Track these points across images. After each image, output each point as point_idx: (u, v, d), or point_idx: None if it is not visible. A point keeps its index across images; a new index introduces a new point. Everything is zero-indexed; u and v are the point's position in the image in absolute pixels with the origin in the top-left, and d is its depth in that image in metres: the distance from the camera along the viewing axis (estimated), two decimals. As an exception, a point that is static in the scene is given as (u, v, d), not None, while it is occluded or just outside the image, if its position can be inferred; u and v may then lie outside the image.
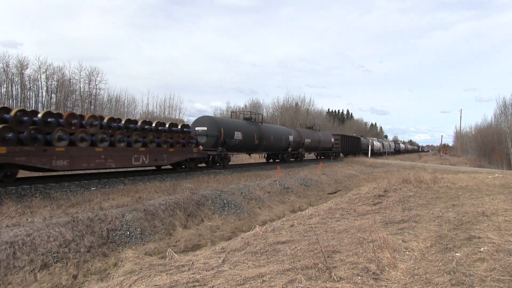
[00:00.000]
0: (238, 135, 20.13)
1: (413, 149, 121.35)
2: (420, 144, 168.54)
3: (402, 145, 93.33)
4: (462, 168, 31.59)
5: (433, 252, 4.76)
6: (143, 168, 15.55)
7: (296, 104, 62.84)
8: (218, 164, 18.98)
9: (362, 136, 54.38)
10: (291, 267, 4.34)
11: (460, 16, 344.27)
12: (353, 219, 7.95)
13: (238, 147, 20.95)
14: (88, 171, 14.30)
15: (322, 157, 36.11)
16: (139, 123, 13.79)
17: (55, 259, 6.04)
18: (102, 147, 11.73)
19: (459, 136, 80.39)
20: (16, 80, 33.38)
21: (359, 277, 3.87)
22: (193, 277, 4.33)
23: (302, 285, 3.68)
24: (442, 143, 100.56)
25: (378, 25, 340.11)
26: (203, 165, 18.96)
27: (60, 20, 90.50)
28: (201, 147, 17.21)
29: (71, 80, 37.58)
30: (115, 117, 13.61)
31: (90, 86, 38.88)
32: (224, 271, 4.56)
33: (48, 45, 72.77)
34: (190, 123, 20.52)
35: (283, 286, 3.72)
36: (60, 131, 10.48)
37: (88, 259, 6.43)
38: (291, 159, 28.20)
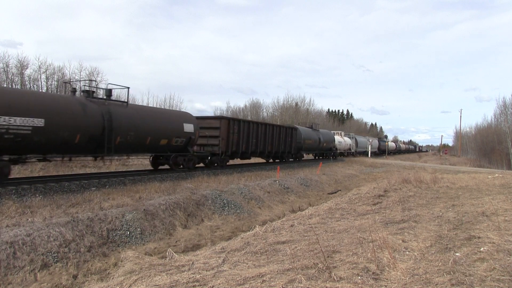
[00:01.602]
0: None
1: (409, 149, 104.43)
2: (420, 144, 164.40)
3: (391, 144, 71.96)
4: (462, 168, 31.59)
5: (433, 252, 4.76)
6: (143, 168, 15.52)
7: (296, 104, 62.87)
8: None
9: (311, 127, 30.93)
10: (291, 267, 4.34)
11: (460, 16, 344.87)
12: (353, 219, 7.95)
13: None
14: (88, 171, 14.30)
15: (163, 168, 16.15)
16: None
17: (55, 259, 6.04)
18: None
19: (459, 136, 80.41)
20: (16, 80, 33.39)
21: (359, 277, 3.87)
22: (193, 277, 4.33)
23: (302, 285, 3.68)
24: (442, 143, 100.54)
25: (378, 25, 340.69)
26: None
27: (60, 20, 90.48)
28: None
29: (71, 80, 37.67)
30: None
31: (91, 86, 38.96)
32: (224, 271, 4.56)
33: (48, 45, 72.74)
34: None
35: (283, 286, 3.72)
36: None
37: (88, 259, 6.43)
38: None
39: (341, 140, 40.30)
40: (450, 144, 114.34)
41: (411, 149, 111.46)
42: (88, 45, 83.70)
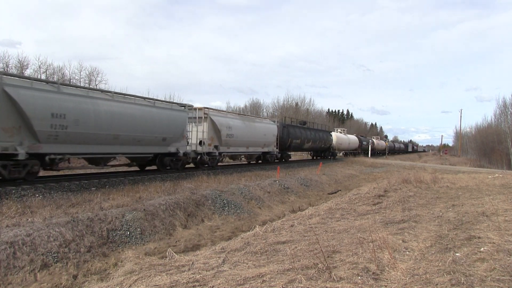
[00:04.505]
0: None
1: (394, 148, 75.91)
2: (418, 143, 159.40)
3: (342, 137, 40.22)
4: (462, 168, 31.58)
5: (433, 252, 4.76)
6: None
7: (296, 104, 62.86)
8: None
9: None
10: (291, 267, 4.34)
11: (461, 15, 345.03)
12: (353, 219, 7.95)
13: None
14: (89, 171, 14.30)
15: None
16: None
17: (55, 259, 6.03)
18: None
19: (459, 136, 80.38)
20: (16, 80, 33.40)
21: (359, 277, 3.86)
22: (193, 277, 4.33)
23: (302, 285, 3.68)
24: (442, 143, 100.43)
25: (379, 24, 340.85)
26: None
27: (60, 19, 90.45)
28: None
29: (71, 80, 37.63)
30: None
31: (91, 86, 38.94)
32: (224, 271, 4.56)
33: (47, 44, 72.71)
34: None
35: (283, 286, 3.72)
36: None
37: (88, 259, 6.42)
38: None
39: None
40: (450, 144, 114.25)
41: (399, 149, 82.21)
42: (88, 44, 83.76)
